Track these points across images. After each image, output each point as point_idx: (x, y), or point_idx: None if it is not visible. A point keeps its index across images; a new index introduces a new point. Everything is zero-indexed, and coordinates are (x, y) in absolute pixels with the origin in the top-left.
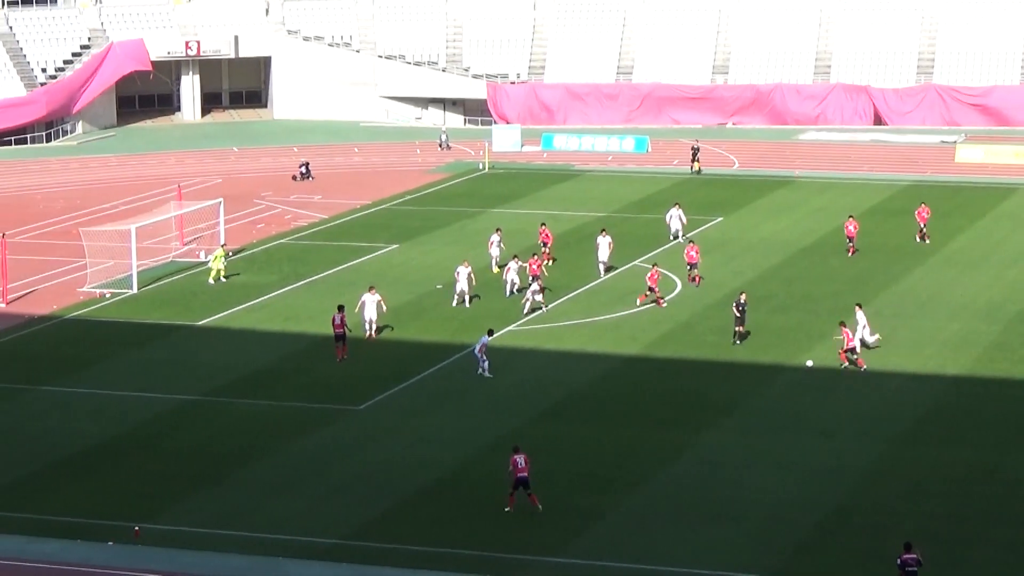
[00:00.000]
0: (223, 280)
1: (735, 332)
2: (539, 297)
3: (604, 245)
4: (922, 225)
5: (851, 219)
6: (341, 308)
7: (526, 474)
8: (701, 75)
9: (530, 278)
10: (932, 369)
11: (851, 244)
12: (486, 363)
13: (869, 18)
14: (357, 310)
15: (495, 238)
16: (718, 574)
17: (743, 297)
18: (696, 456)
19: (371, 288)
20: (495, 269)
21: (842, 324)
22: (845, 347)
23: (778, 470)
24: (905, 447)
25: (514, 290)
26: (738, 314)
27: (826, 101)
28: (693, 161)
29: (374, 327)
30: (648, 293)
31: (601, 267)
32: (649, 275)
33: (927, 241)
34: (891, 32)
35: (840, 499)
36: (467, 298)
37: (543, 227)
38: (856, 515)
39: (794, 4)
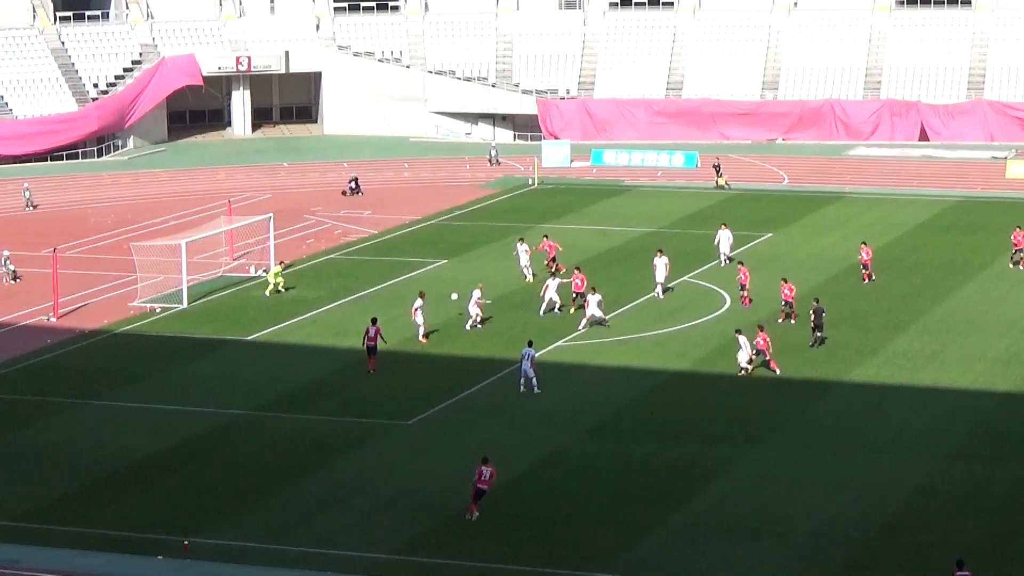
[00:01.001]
0: (280, 292)
1: (814, 338)
2: (599, 313)
3: (661, 266)
4: (1016, 249)
5: (864, 245)
6: (375, 321)
7: (486, 487)
8: (751, 91)
9: (574, 295)
10: (982, 385)
11: (866, 271)
12: (534, 378)
13: (919, 34)
14: (414, 312)
15: (522, 247)
16: None
17: (815, 303)
18: (743, 473)
19: (422, 294)
20: (529, 279)
21: (760, 328)
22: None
23: (826, 487)
24: (954, 463)
25: (555, 308)
26: (815, 320)
27: (876, 117)
28: (717, 176)
29: (424, 330)
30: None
31: (659, 288)
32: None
33: (1022, 268)
34: (941, 48)
35: (889, 516)
36: (477, 321)
37: (546, 239)
38: (905, 532)
39: (844, 20)
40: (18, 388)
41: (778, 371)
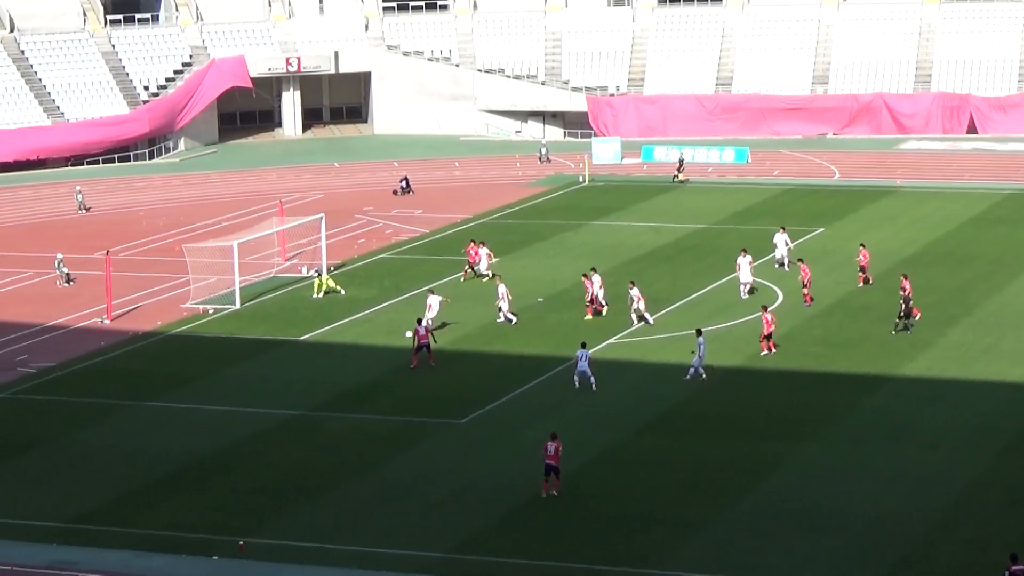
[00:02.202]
0: (337, 291)
1: (896, 323)
2: (643, 306)
3: (745, 265)
4: None
5: (862, 248)
6: (420, 321)
7: (554, 462)
8: (801, 85)
9: (589, 301)
10: None
11: (862, 274)
12: (592, 376)
13: (969, 27)
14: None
15: (485, 251)
16: None
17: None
18: (798, 468)
19: (432, 291)
20: (486, 274)
21: (764, 308)
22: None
23: (881, 481)
24: (1009, 457)
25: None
26: (903, 304)
27: (927, 110)
28: (678, 171)
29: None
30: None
31: (743, 288)
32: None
33: None
34: (992, 40)
35: (943, 511)
36: (503, 315)
37: (472, 244)
38: (960, 527)
39: (894, 14)
40: (73, 390)
41: (764, 353)
